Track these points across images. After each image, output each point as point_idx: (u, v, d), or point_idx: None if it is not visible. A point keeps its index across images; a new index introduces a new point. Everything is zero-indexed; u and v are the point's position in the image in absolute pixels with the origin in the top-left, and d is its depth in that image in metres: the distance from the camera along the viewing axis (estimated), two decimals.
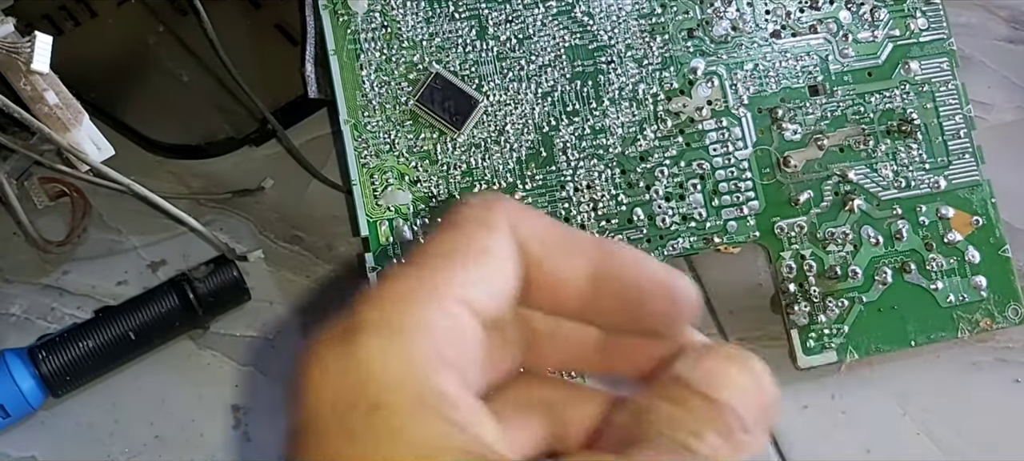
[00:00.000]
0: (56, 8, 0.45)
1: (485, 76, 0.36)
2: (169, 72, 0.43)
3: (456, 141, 0.35)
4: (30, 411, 0.35)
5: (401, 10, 0.36)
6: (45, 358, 0.35)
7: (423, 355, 0.16)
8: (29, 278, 0.40)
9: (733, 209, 0.36)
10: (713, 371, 0.17)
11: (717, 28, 0.37)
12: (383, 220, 0.35)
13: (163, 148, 0.43)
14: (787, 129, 0.37)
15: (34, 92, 0.34)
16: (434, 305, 0.16)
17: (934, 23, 0.38)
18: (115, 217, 0.42)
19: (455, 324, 0.17)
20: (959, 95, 0.38)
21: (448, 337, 0.16)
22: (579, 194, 0.35)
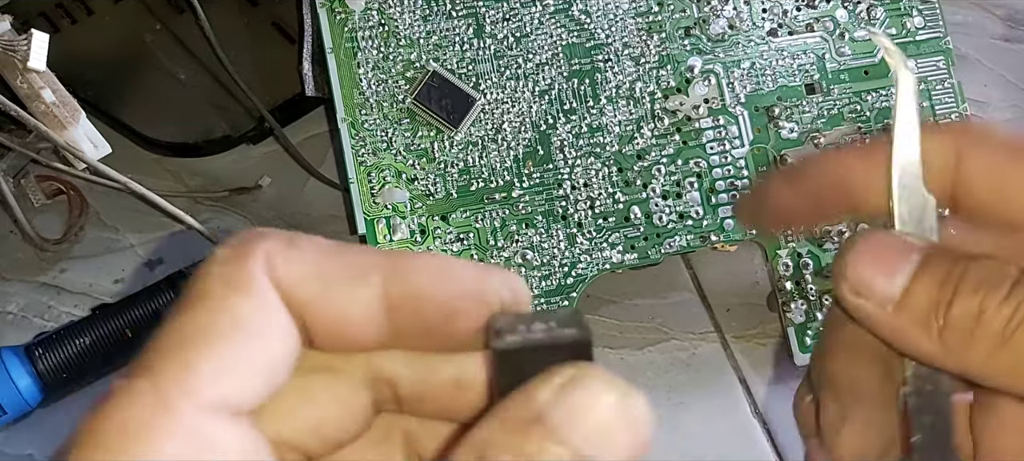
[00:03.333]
0: (53, 6, 0.45)
1: (482, 74, 0.36)
2: (166, 70, 0.43)
3: (453, 139, 0.35)
4: (27, 409, 0.35)
5: (398, 8, 0.36)
6: (42, 356, 0.35)
7: None
8: (26, 276, 0.40)
9: (730, 207, 0.36)
10: (577, 408, 0.14)
11: (714, 26, 0.37)
12: (380, 218, 0.35)
13: (160, 146, 0.43)
14: (784, 127, 0.37)
15: (31, 90, 0.34)
16: (170, 432, 0.14)
17: (930, 22, 0.38)
18: (112, 215, 0.42)
19: (205, 443, 0.14)
20: (955, 93, 0.38)
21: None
22: (576, 192, 0.35)
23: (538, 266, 0.35)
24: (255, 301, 0.15)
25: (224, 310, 0.15)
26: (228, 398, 0.14)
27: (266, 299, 0.15)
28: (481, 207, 0.35)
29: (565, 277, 0.35)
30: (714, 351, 0.38)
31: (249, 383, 0.15)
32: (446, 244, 0.35)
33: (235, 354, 0.14)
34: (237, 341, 0.15)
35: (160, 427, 0.14)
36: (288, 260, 0.15)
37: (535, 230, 0.35)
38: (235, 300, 0.15)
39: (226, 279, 0.15)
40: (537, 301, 0.35)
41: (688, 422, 0.36)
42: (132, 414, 0.14)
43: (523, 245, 0.35)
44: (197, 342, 0.14)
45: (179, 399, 0.14)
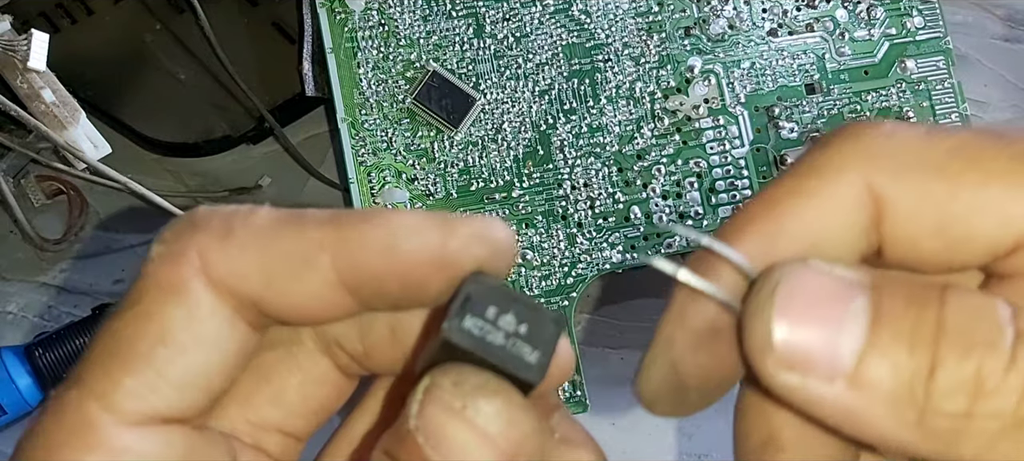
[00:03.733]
0: (53, 6, 0.45)
1: (482, 74, 0.36)
2: (166, 70, 0.43)
3: (453, 139, 0.35)
4: (27, 409, 0.35)
5: (398, 8, 0.36)
6: (42, 356, 0.35)
7: None
8: (26, 276, 0.40)
9: (730, 207, 0.36)
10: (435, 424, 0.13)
11: (714, 26, 0.37)
12: None
13: (160, 146, 0.43)
14: (784, 127, 0.37)
15: (31, 90, 0.34)
16: (90, 446, 0.14)
17: (930, 22, 0.38)
18: (112, 215, 0.42)
19: (126, 457, 0.14)
20: (955, 94, 0.38)
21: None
22: (576, 192, 0.35)
23: (538, 266, 0.35)
24: (185, 310, 0.14)
25: (152, 319, 0.14)
26: (154, 411, 0.14)
27: (198, 306, 0.14)
28: (481, 207, 0.35)
29: (565, 277, 0.35)
30: None
31: (176, 396, 0.14)
32: None
33: (160, 368, 0.14)
34: (162, 355, 0.14)
35: (81, 441, 0.14)
36: (226, 256, 0.14)
37: (535, 230, 0.35)
38: (165, 310, 0.14)
39: (159, 284, 0.14)
40: (537, 300, 0.35)
41: (688, 422, 0.36)
42: (57, 427, 0.14)
43: (523, 245, 0.35)
44: (124, 354, 0.14)
45: (100, 414, 0.14)
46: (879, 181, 0.13)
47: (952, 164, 0.13)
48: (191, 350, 0.14)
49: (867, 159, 0.14)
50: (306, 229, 0.15)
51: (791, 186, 0.14)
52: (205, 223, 0.15)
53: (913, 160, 0.13)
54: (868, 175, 0.14)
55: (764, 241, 0.14)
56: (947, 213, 0.13)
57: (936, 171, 0.13)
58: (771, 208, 0.14)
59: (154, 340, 0.14)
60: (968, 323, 0.13)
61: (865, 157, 0.14)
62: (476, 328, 0.14)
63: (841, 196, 0.14)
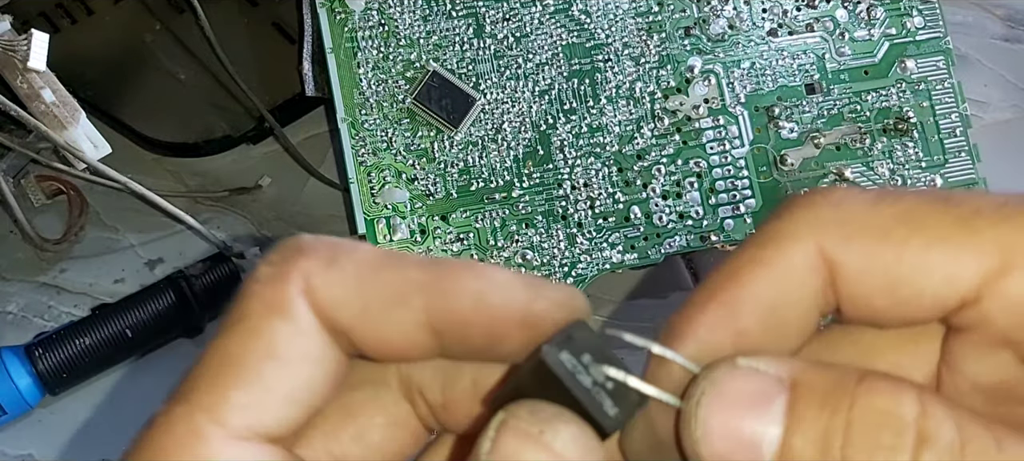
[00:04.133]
0: (53, 6, 0.45)
1: (482, 74, 0.36)
2: (166, 70, 0.43)
3: (453, 139, 0.35)
4: (27, 409, 0.35)
5: (398, 8, 0.36)
6: (42, 356, 0.35)
7: None
8: (26, 276, 0.40)
9: (730, 207, 0.36)
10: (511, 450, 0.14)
11: (714, 26, 0.37)
12: (380, 218, 0.35)
13: (160, 146, 0.43)
14: (784, 127, 0.37)
15: (31, 90, 0.34)
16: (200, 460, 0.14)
17: (930, 22, 0.38)
18: (112, 215, 0.42)
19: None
20: (955, 93, 0.38)
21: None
22: (576, 192, 0.35)
23: (538, 266, 0.35)
24: (292, 327, 0.15)
25: (260, 336, 0.15)
26: (260, 426, 0.14)
27: (303, 324, 0.15)
28: (481, 207, 0.35)
29: (565, 277, 0.35)
30: None
31: (282, 411, 0.15)
32: (446, 244, 0.35)
33: (268, 382, 0.15)
34: (271, 369, 0.15)
35: (191, 454, 0.14)
36: (328, 282, 0.15)
37: (535, 230, 0.35)
38: (272, 325, 0.15)
39: (265, 302, 0.15)
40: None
41: None
42: (165, 442, 0.14)
43: (523, 245, 0.35)
44: (231, 369, 0.15)
45: (210, 427, 0.14)
46: (830, 247, 0.15)
47: (897, 229, 0.14)
48: (296, 365, 0.15)
49: (818, 227, 0.15)
50: (406, 269, 0.15)
51: (750, 256, 0.15)
52: (311, 249, 0.15)
53: (861, 226, 0.15)
54: (820, 242, 0.15)
55: (726, 311, 0.15)
56: (894, 275, 0.14)
57: (882, 236, 0.14)
58: (732, 278, 0.15)
59: (262, 355, 0.15)
60: (874, 426, 0.14)
61: (816, 225, 0.15)
62: (569, 363, 0.14)
63: (796, 263, 0.15)
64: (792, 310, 0.15)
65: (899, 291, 0.14)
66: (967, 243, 0.14)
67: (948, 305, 0.14)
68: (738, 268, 0.15)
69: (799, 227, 0.15)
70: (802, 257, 0.15)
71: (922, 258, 0.14)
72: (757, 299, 0.15)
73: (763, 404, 0.14)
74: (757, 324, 0.15)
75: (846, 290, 0.15)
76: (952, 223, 0.14)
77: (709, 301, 0.15)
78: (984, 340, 0.15)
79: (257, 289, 0.15)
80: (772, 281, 0.15)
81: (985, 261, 0.14)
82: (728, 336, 0.15)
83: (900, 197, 0.15)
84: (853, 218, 0.15)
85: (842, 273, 0.15)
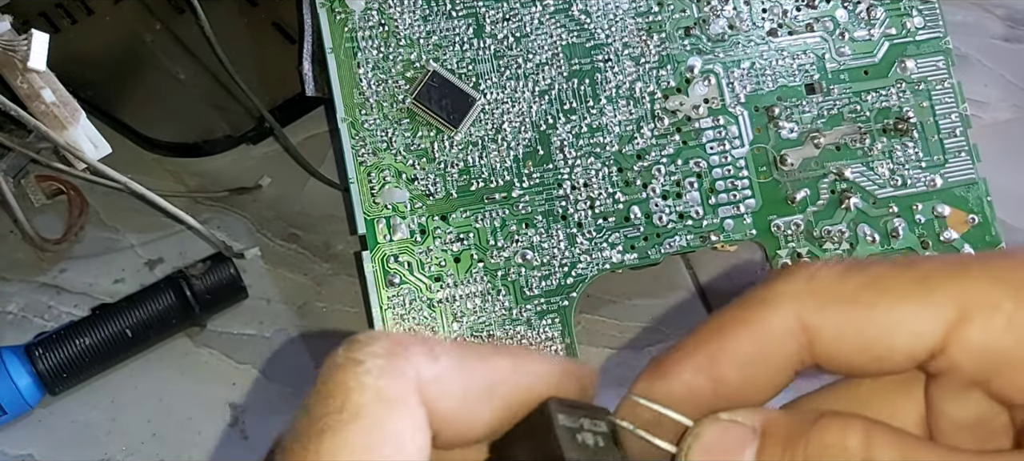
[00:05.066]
0: (53, 6, 0.45)
1: (482, 74, 0.36)
2: (166, 70, 0.43)
3: (453, 139, 0.35)
4: (27, 409, 0.35)
5: (398, 8, 0.36)
6: (42, 356, 0.35)
7: None
8: (26, 276, 0.40)
9: (730, 207, 0.36)
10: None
11: (714, 26, 0.37)
12: (380, 218, 0.35)
13: (160, 146, 0.43)
14: (784, 127, 0.37)
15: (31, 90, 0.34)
16: None
17: (930, 22, 0.38)
18: (112, 215, 0.42)
19: None
20: (955, 93, 0.38)
21: None
22: (576, 192, 0.35)
23: (538, 266, 0.35)
24: (411, 421, 0.15)
25: (383, 431, 0.15)
26: None
27: (418, 419, 0.15)
28: (481, 207, 0.35)
29: (565, 277, 0.35)
30: None
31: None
32: (446, 244, 0.35)
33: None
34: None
35: None
36: (434, 376, 0.16)
37: (535, 230, 0.35)
38: (393, 419, 0.15)
39: (383, 398, 0.15)
40: (536, 300, 0.35)
41: None
42: None
43: (523, 245, 0.35)
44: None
45: None
46: (807, 315, 0.17)
47: (865, 295, 0.16)
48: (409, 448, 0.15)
49: (795, 298, 0.17)
50: (494, 360, 0.17)
51: (734, 315, 0.17)
52: (412, 343, 0.16)
53: (833, 295, 0.17)
54: (797, 311, 0.17)
55: (709, 360, 0.17)
56: (866, 335, 0.16)
57: (852, 302, 0.17)
58: (716, 332, 0.17)
59: (389, 451, 0.15)
60: (824, 458, 0.16)
61: (793, 296, 0.17)
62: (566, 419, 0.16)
63: (774, 326, 0.17)
64: (767, 366, 0.17)
65: (872, 348, 0.16)
66: (926, 300, 0.16)
67: (918, 356, 0.16)
68: (723, 324, 0.17)
69: (779, 296, 0.17)
70: (780, 321, 0.17)
71: (888, 318, 0.16)
72: (737, 353, 0.17)
73: (738, 451, 0.17)
74: (735, 374, 0.17)
75: (825, 351, 0.17)
76: (912, 284, 0.16)
77: (695, 349, 0.17)
78: (956, 383, 0.17)
79: (370, 382, 0.15)
80: (751, 339, 0.17)
81: (944, 314, 0.16)
82: (708, 382, 0.17)
83: (866, 267, 0.17)
84: (825, 288, 0.17)
85: (820, 337, 0.17)
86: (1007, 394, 0.16)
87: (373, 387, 0.15)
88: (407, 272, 0.34)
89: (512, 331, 0.34)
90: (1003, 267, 0.16)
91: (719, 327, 0.17)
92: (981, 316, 0.16)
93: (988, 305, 0.16)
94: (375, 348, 0.16)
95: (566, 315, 0.35)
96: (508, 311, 0.34)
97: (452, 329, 0.34)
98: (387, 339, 0.16)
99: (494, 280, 0.34)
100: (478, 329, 0.34)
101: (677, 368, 0.17)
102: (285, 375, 0.37)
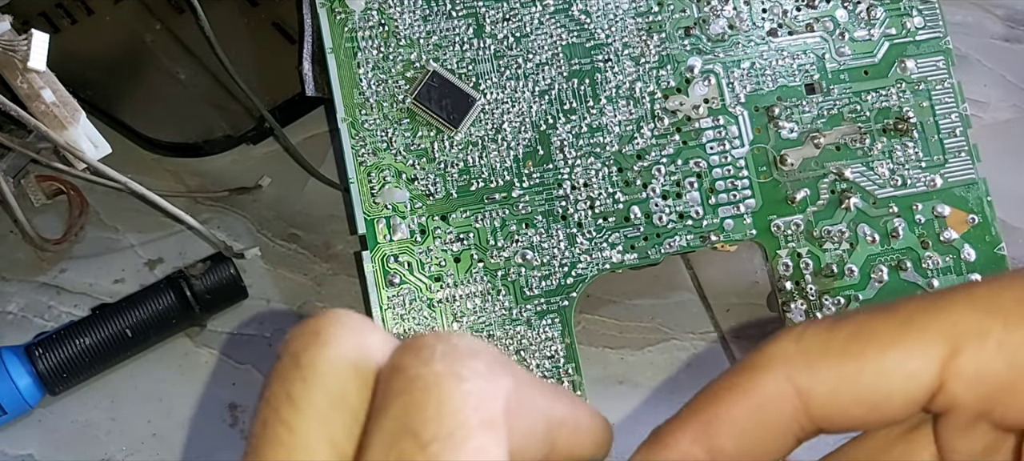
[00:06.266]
0: (53, 6, 0.45)
1: (482, 74, 0.36)
2: (166, 70, 0.43)
3: (453, 139, 0.35)
4: (27, 409, 0.35)
5: (398, 8, 0.36)
6: (42, 356, 0.35)
7: None
8: (26, 276, 0.40)
9: (730, 207, 0.36)
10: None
11: (714, 26, 0.37)
12: (380, 218, 0.35)
13: (160, 146, 0.43)
14: (784, 127, 0.37)
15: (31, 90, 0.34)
16: None
17: (930, 22, 0.38)
18: (112, 215, 0.42)
19: None
20: (955, 93, 0.38)
21: None
22: (576, 192, 0.35)
23: (538, 266, 0.35)
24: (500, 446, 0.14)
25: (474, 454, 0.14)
26: None
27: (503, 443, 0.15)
28: (481, 207, 0.35)
29: (565, 277, 0.35)
30: (714, 351, 0.38)
31: None
32: (446, 244, 0.35)
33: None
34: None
35: None
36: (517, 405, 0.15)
37: (535, 230, 0.35)
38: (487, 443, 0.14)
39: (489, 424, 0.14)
40: (536, 300, 0.35)
41: None
42: None
43: (523, 245, 0.35)
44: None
45: None
46: (798, 377, 0.17)
47: (852, 346, 0.16)
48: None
49: (785, 361, 0.17)
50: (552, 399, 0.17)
51: (728, 382, 0.17)
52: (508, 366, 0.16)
53: (821, 352, 0.17)
54: (788, 374, 0.17)
55: (704, 429, 0.17)
56: (860, 386, 0.16)
57: (841, 356, 0.17)
58: (711, 401, 0.17)
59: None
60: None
61: (783, 359, 0.17)
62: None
63: (768, 391, 0.17)
64: (764, 433, 0.17)
65: (869, 399, 0.16)
66: (916, 341, 0.16)
67: (918, 398, 0.16)
68: (717, 392, 0.17)
69: (769, 361, 0.17)
70: (772, 386, 0.17)
71: (880, 365, 0.16)
72: (732, 421, 0.17)
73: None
74: (731, 443, 0.17)
75: (822, 411, 0.17)
76: (898, 328, 0.16)
77: (691, 419, 0.18)
78: (962, 419, 0.17)
79: (475, 404, 0.14)
80: (744, 407, 0.17)
81: (936, 351, 0.16)
82: (705, 452, 0.17)
83: (851, 318, 0.17)
84: (813, 347, 0.17)
85: (815, 396, 0.17)
86: (1010, 420, 0.16)
87: (481, 412, 0.14)
88: (407, 272, 0.34)
89: (512, 331, 0.34)
90: (986, 295, 0.16)
91: (714, 395, 0.17)
92: (971, 345, 0.16)
93: (976, 334, 0.16)
94: (478, 364, 0.15)
95: (566, 315, 0.35)
96: (508, 311, 0.34)
97: (452, 329, 0.34)
98: (486, 353, 0.15)
99: (494, 280, 0.34)
100: (478, 329, 0.34)
101: (675, 439, 0.18)
102: None
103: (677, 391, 0.37)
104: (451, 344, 0.15)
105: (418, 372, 0.14)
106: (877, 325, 0.17)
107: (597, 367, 0.37)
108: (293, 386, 0.14)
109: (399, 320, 0.34)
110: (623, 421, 0.36)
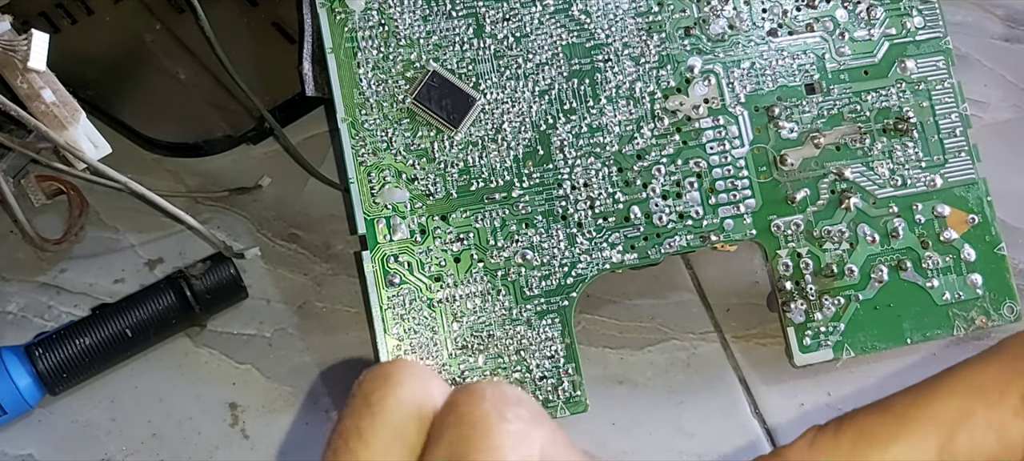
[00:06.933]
0: (53, 5, 0.45)
1: (482, 74, 0.36)
2: (166, 70, 0.43)
3: (453, 139, 0.35)
4: (27, 409, 0.35)
5: (398, 8, 0.36)
6: (42, 356, 0.35)
7: None
8: (26, 276, 0.40)
9: (730, 207, 0.36)
10: None
11: (714, 26, 0.37)
12: (380, 218, 0.35)
13: (160, 146, 0.43)
14: (784, 127, 0.37)
15: (31, 90, 0.34)
16: None
17: (930, 22, 0.38)
18: (112, 215, 0.42)
19: None
20: (955, 93, 0.38)
21: None
22: (576, 192, 0.35)
23: (538, 266, 0.35)
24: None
25: None
26: None
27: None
28: (481, 207, 0.35)
29: (565, 277, 0.35)
30: (714, 351, 0.38)
31: None
32: (446, 244, 0.35)
33: None
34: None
35: None
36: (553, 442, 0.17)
37: (535, 230, 0.35)
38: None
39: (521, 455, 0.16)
40: (536, 300, 0.35)
41: (688, 422, 0.36)
42: None
43: (523, 245, 0.35)
44: None
45: None
46: None
47: (858, 449, 0.18)
48: None
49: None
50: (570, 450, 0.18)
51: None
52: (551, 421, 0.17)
53: (832, 458, 0.18)
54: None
55: None
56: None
57: (850, 458, 0.18)
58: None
59: None
60: None
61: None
62: None
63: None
64: None
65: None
66: (914, 434, 0.17)
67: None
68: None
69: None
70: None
71: (886, 459, 0.18)
72: None
73: None
74: None
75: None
76: (896, 425, 0.18)
77: None
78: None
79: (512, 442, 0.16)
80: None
81: (933, 440, 0.17)
82: None
83: (852, 420, 0.18)
84: (824, 454, 0.18)
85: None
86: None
87: (519, 451, 0.16)
88: (407, 272, 0.34)
89: (512, 331, 0.34)
90: (966, 379, 0.17)
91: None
92: (961, 429, 0.17)
93: (963, 416, 0.17)
94: (521, 411, 0.16)
95: (566, 315, 0.35)
96: (508, 311, 0.34)
97: (452, 329, 0.34)
98: (530, 403, 0.17)
99: (494, 280, 0.34)
100: (478, 329, 0.34)
101: None
102: (285, 375, 0.37)
103: (677, 391, 0.37)
104: (500, 391, 0.16)
105: (469, 410, 0.16)
106: (875, 425, 0.18)
107: (597, 367, 0.37)
108: (362, 421, 0.16)
109: (399, 320, 0.34)
110: (623, 421, 0.36)
